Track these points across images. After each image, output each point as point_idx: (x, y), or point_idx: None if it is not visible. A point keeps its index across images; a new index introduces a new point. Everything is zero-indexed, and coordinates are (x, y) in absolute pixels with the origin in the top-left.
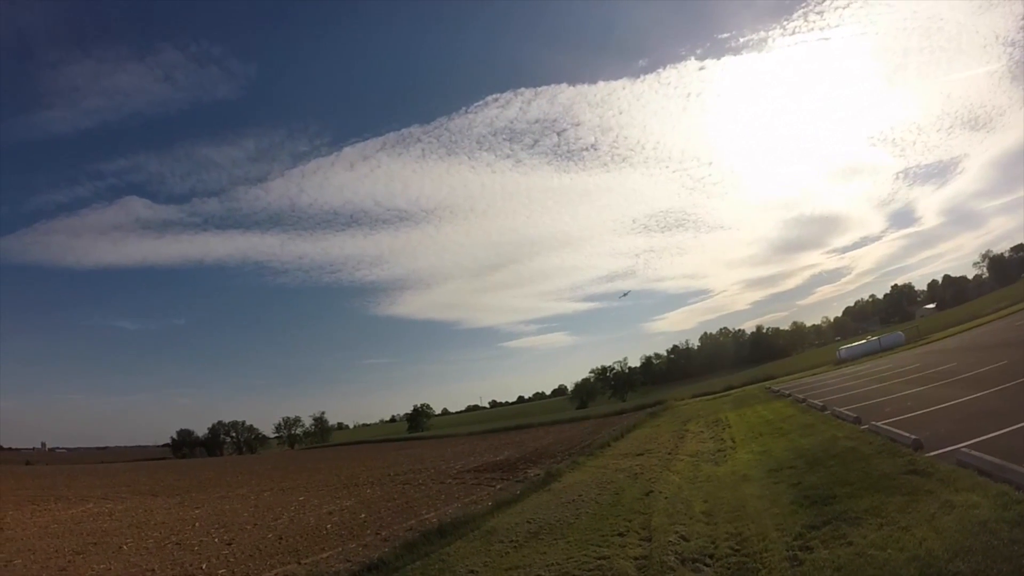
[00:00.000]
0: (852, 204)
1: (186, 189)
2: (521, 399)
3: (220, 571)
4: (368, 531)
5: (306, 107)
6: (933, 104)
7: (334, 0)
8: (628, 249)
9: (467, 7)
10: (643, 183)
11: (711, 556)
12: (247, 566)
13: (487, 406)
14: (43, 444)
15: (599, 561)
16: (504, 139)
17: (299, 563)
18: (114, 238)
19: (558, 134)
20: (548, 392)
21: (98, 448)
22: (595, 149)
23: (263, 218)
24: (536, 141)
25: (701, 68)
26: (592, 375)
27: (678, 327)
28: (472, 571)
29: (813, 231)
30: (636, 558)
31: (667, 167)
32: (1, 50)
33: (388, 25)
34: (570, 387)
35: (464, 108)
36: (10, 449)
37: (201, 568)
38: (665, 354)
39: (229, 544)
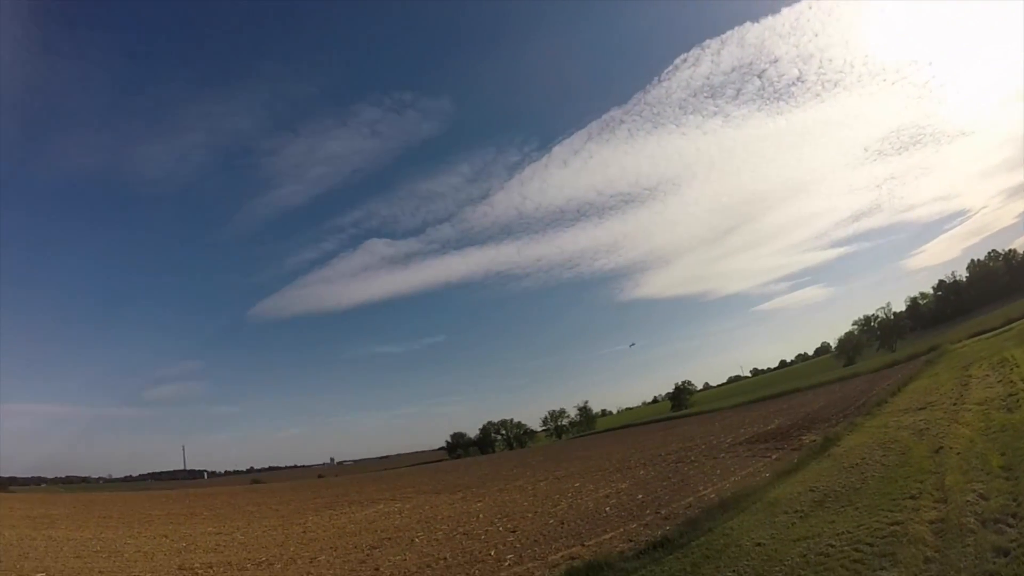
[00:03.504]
0: None
1: (418, 222)
2: (784, 363)
3: (508, 556)
4: (647, 511)
5: (505, 120)
6: None
7: (493, 16)
8: (866, 181)
9: None
10: (863, 105)
11: (1014, 516)
12: (532, 550)
13: (749, 375)
14: (332, 459)
15: (892, 527)
16: (705, 97)
17: (583, 545)
18: (364, 278)
19: (758, 76)
20: (811, 352)
21: (380, 457)
22: (802, 81)
23: (495, 231)
24: (738, 90)
25: None
26: (855, 327)
27: (940, 259)
28: (758, 544)
29: None
30: (932, 522)
31: (884, 80)
32: (224, 152)
33: (553, 23)
34: (833, 343)
35: (656, 78)
36: (305, 466)
37: (489, 554)
38: (931, 292)
39: (513, 532)
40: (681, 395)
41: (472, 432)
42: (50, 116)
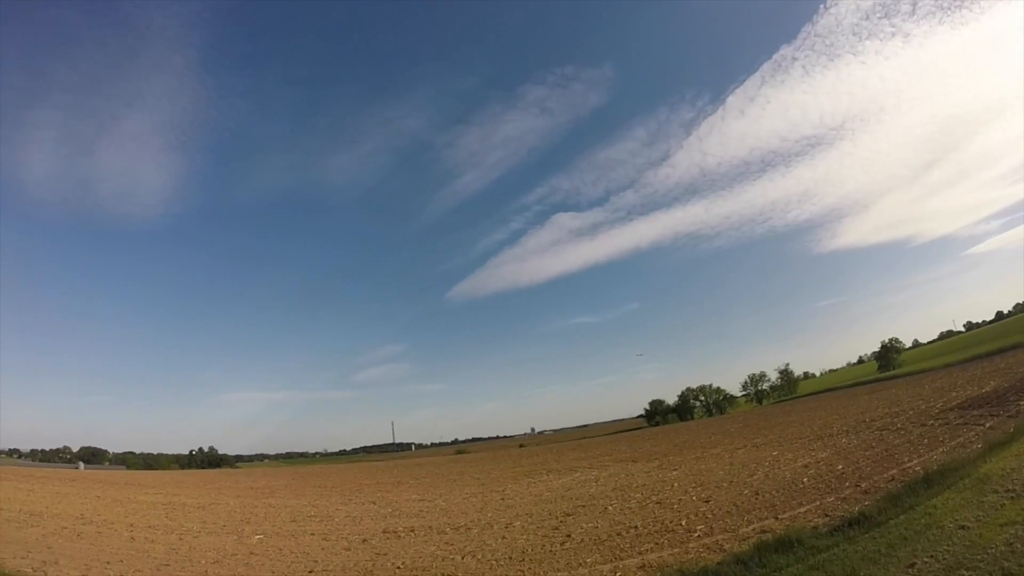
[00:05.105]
0: None
1: (601, 191)
2: (1000, 315)
3: (699, 527)
4: (846, 483)
5: (672, 77)
6: None
7: None
8: None
9: None
10: None
11: None
12: (724, 522)
13: (962, 329)
14: (532, 429)
15: None
16: (879, 18)
17: (776, 518)
18: (555, 252)
19: None
20: None
21: (579, 427)
22: None
23: (679, 192)
24: (914, 4)
25: None
26: None
27: None
28: (962, 526)
29: None
30: None
31: None
32: (403, 152)
33: None
34: None
35: (821, 6)
36: (506, 436)
37: (680, 524)
38: None
39: (706, 501)
40: (888, 354)
41: (671, 399)
42: (238, 149)
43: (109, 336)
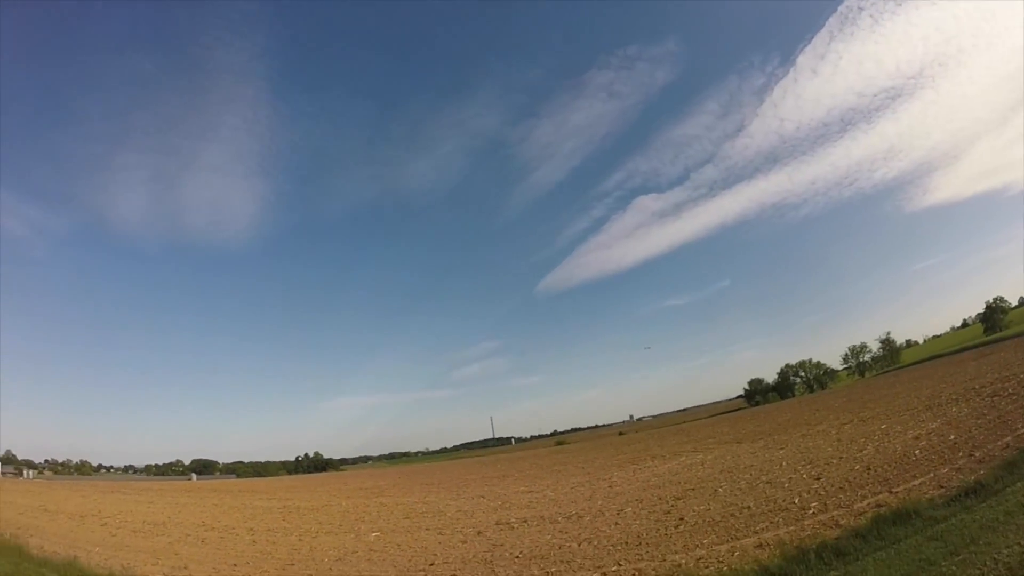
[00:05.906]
0: None
1: (680, 170)
2: None
3: (812, 504)
4: (960, 453)
5: (738, 43)
6: None
7: None
8: None
9: None
10: None
11: None
12: (838, 498)
13: None
14: (631, 416)
15: None
16: None
17: (890, 492)
18: (639, 236)
19: None
20: None
21: (679, 411)
22: None
23: (760, 162)
24: None
25: None
26: None
27: None
28: None
29: None
30: None
31: None
32: (479, 151)
33: None
34: None
35: None
36: (605, 425)
37: (793, 502)
38: None
39: (817, 479)
40: (993, 315)
41: (770, 377)
42: (319, 167)
43: (213, 356)
